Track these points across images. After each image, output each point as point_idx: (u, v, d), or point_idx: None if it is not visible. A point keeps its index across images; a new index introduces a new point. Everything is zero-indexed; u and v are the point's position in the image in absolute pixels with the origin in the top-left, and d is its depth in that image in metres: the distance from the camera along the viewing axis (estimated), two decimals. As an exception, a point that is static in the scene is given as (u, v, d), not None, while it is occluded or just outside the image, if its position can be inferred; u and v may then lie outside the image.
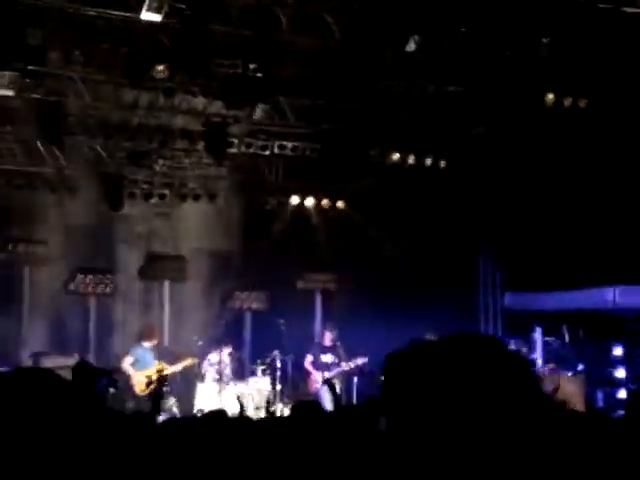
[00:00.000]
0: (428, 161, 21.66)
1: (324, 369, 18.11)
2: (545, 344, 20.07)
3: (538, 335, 20.01)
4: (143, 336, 18.28)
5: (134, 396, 17.51)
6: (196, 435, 6.85)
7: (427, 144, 21.50)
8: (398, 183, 21.71)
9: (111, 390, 13.24)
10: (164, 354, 18.86)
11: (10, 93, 17.41)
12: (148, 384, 17.57)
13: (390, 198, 21.75)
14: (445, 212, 21.90)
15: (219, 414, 7.37)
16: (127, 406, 18.39)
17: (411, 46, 18.42)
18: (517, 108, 20.13)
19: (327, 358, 18.29)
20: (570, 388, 16.72)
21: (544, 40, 18.19)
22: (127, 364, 17.75)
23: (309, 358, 18.37)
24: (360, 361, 18.27)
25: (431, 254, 21.61)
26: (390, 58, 18.94)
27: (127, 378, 17.67)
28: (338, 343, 18.39)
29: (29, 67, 17.43)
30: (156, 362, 17.78)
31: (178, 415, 17.31)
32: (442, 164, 21.82)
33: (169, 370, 17.64)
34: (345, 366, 18.21)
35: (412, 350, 2.27)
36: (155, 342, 18.30)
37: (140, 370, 17.68)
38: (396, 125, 20.89)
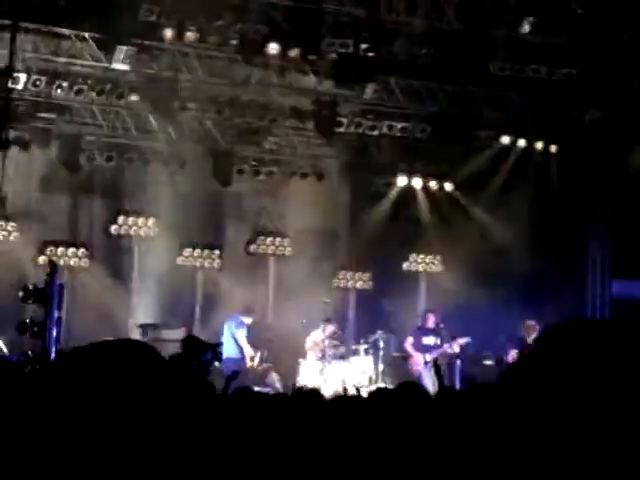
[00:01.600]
0: (539, 145, 21.39)
1: (425, 351, 18.03)
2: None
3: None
4: (243, 311, 18.47)
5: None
6: (294, 411, 6.90)
7: (539, 128, 21.23)
8: (507, 166, 21.49)
9: (216, 363, 13.39)
10: (264, 330, 19.02)
11: (126, 67, 17.72)
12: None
13: (499, 181, 21.53)
14: (555, 196, 21.61)
15: (315, 393, 7.41)
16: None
17: (525, 28, 18.24)
18: (632, 93, 19.77)
19: (429, 340, 18.18)
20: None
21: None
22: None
23: (409, 340, 18.29)
24: (462, 341, 18.16)
25: (539, 239, 21.36)
26: (503, 40, 18.78)
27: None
28: (441, 325, 18.27)
29: (145, 42, 17.71)
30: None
31: (281, 390, 17.47)
32: (553, 148, 21.54)
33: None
34: (447, 347, 18.09)
35: (572, 326, 2.24)
36: (252, 318, 18.46)
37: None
38: (507, 108, 20.68)
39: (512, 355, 17.55)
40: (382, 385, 17.63)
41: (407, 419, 6.99)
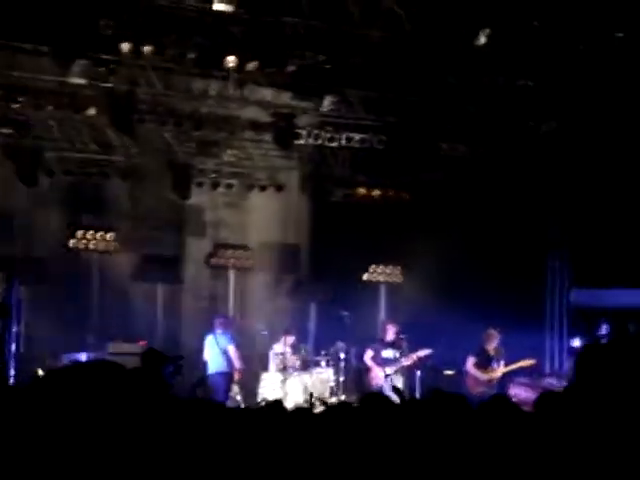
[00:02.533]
0: (496, 155, 21.52)
1: (385, 364, 18.01)
2: (611, 342, 19.83)
3: (604, 332, 19.80)
4: (226, 324, 18.39)
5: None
6: (256, 425, 6.90)
7: (496, 138, 21.37)
8: (465, 176, 21.62)
9: (177, 377, 13.36)
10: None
11: (83, 81, 17.65)
12: None
13: (457, 191, 21.65)
14: (513, 207, 21.75)
15: (278, 405, 7.41)
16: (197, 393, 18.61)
17: (481, 39, 18.34)
18: (587, 104, 19.94)
19: (388, 353, 18.15)
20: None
21: (618, 35, 18.03)
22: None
23: (369, 353, 18.26)
24: (423, 353, 18.19)
25: (498, 249, 21.48)
26: (460, 51, 18.87)
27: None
28: (402, 336, 18.29)
29: (102, 56, 17.65)
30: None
31: (242, 404, 17.46)
32: (511, 158, 21.68)
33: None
34: (407, 360, 18.09)
35: (612, 343, 2.30)
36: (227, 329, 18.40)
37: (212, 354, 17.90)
38: (464, 119, 20.80)
39: (470, 362, 17.65)
40: (343, 397, 17.70)
41: (373, 430, 7.01)
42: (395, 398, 10.72)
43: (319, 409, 12.37)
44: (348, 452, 6.62)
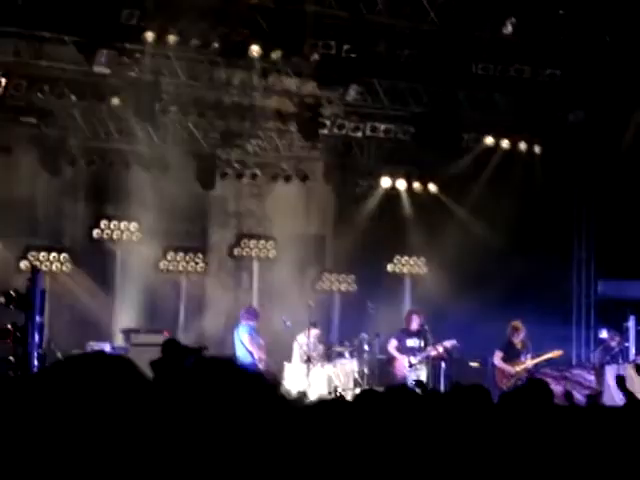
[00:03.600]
0: (522, 146, 21.38)
1: (410, 353, 17.90)
2: (638, 333, 19.68)
3: (632, 324, 19.62)
4: (246, 315, 18.21)
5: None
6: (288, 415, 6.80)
7: (522, 129, 21.22)
8: (491, 167, 21.47)
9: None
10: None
11: (107, 71, 17.61)
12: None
13: (483, 182, 21.50)
14: (539, 198, 21.58)
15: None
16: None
17: (507, 28, 18.20)
18: (616, 93, 19.76)
19: (413, 342, 18.02)
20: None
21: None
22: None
23: (393, 343, 18.13)
24: (448, 344, 18.04)
25: (524, 240, 21.32)
26: (486, 41, 18.74)
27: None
28: (426, 327, 18.14)
29: (126, 46, 17.61)
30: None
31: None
32: (537, 149, 21.53)
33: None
34: (432, 350, 17.96)
35: None
36: (256, 321, 18.20)
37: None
38: (491, 109, 20.65)
39: (498, 356, 17.54)
40: (367, 388, 17.57)
41: (397, 421, 6.92)
42: (418, 391, 10.59)
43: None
44: (369, 442, 6.54)
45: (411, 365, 17.69)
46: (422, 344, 17.92)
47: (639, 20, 18.30)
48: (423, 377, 16.99)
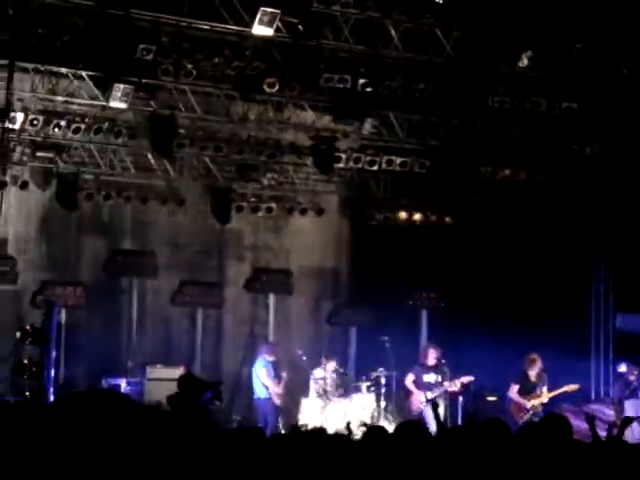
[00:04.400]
0: (539, 178, 21.31)
1: (427, 389, 17.70)
2: (658, 367, 19.51)
3: (650, 359, 19.45)
4: (265, 351, 18.20)
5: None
6: (294, 451, 6.77)
7: (539, 161, 21.17)
8: (508, 200, 21.41)
9: (217, 403, 13.21)
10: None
11: (123, 106, 17.67)
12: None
13: (500, 215, 21.43)
14: (556, 230, 21.49)
15: (320, 432, 7.25)
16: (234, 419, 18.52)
17: (523, 62, 18.19)
18: (633, 125, 19.71)
19: (430, 378, 17.81)
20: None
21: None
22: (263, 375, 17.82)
23: (410, 377, 17.95)
24: (466, 380, 17.89)
25: (541, 273, 21.22)
26: (502, 74, 18.75)
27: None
28: (443, 361, 17.99)
29: (142, 80, 17.68)
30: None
31: (282, 429, 17.29)
32: (554, 182, 21.47)
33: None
34: (449, 386, 17.80)
35: None
36: (274, 357, 18.13)
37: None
38: (507, 142, 20.61)
39: (514, 389, 17.39)
40: (384, 422, 17.46)
41: (407, 459, 6.85)
42: (433, 425, 10.49)
43: (358, 435, 12.22)
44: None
45: (428, 400, 17.50)
46: (439, 379, 17.75)
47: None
48: (441, 412, 16.82)
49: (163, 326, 20.03)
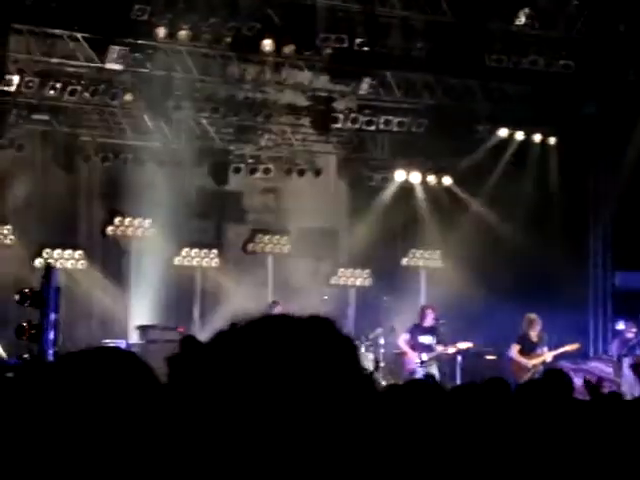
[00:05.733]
0: (537, 137, 21.27)
1: (422, 350, 17.60)
2: (656, 325, 19.57)
3: (649, 316, 19.51)
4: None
5: None
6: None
7: (536, 120, 21.11)
8: (506, 159, 21.36)
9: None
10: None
11: (119, 67, 17.60)
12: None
13: (497, 174, 21.40)
14: (554, 189, 21.49)
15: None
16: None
17: (521, 19, 18.11)
18: (630, 85, 19.65)
19: (426, 339, 17.68)
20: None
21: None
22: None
23: (405, 337, 17.79)
24: (463, 346, 17.78)
25: (540, 232, 21.21)
26: (499, 32, 18.65)
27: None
28: (441, 321, 17.94)
29: (137, 42, 17.59)
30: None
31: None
32: (552, 141, 21.42)
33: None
34: (445, 349, 17.70)
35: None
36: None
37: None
38: (505, 101, 20.55)
39: (515, 349, 17.41)
40: (383, 382, 17.48)
41: (416, 415, 6.88)
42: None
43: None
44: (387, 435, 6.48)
45: (422, 362, 17.45)
46: (434, 341, 17.66)
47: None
48: (435, 373, 16.81)
49: (162, 288, 20.02)
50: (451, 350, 17.62)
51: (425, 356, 17.42)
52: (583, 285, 22.25)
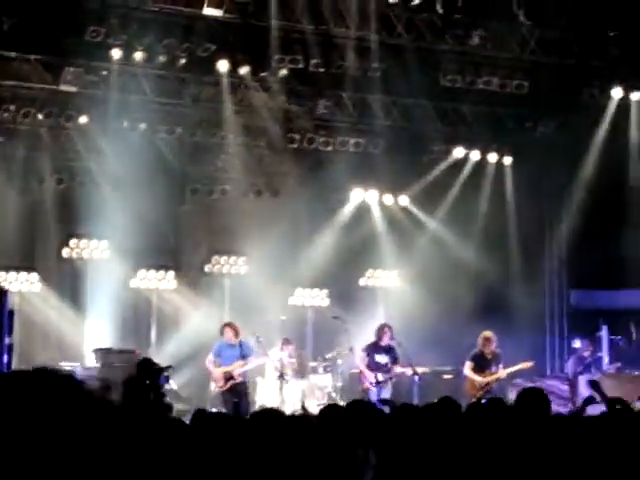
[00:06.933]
0: (492, 157, 21.40)
1: (378, 369, 17.59)
2: (611, 343, 19.74)
3: (604, 334, 19.69)
4: (222, 333, 17.90)
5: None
6: (246, 432, 6.76)
7: (492, 140, 21.26)
8: (462, 179, 21.48)
9: (167, 387, 13.22)
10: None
11: (73, 89, 17.52)
12: (227, 380, 17.25)
13: (453, 194, 21.52)
14: (510, 208, 21.64)
15: (272, 412, 7.23)
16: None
17: (474, 40, 18.22)
18: (584, 104, 19.84)
19: (382, 358, 17.66)
20: (635, 388, 16.41)
21: (611, 33, 17.93)
22: (208, 361, 17.42)
23: (361, 355, 17.82)
24: (420, 370, 17.63)
25: (496, 251, 21.35)
26: (453, 53, 18.75)
27: (208, 375, 17.50)
28: (395, 343, 17.90)
29: (92, 63, 17.53)
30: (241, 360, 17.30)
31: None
32: (507, 161, 21.57)
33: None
34: (402, 371, 17.64)
35: None
36: (234, 339, 17.73)
37: (223, 366, 17.32)
38: (460, 121, 20.66)
39: (468, 366, 17.43)
40: (341, 402, 17.44)
41: (359, 436, 6.88)
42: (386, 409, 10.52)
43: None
44: (333, 456, 6.50)
45: (378, 382, 17.42)
46: (390, 361, 17.61)
47: (606, 29, 18.38)
48: (387, 395, 16.77)
49: (118, 310, 19.92)
50: (409, 372, 17.56)
51: (381, 376, 17.40)
52: (539, 304, 22.38)
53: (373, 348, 17.72)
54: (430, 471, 6.55)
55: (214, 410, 15.94)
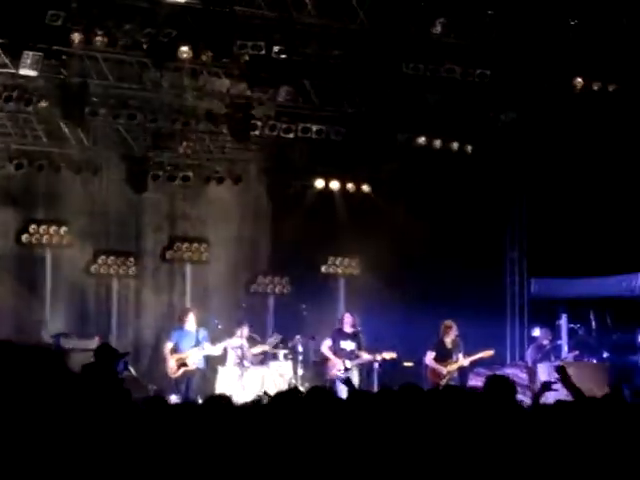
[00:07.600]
0: (454, 145, 21.42)
1: (344, 356, 17.70)
2: (570, 331, 19.87)
3: (564, 322, 19.82)
4: (179, 319, 17.95)
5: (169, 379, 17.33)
6: (200, 420, 6.75)
7: (454, 128, 21.27)
8: (424, 167, 21.50)
9: (126, 373, 13.16)
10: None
11: (33, 73, 17.35)
12: (179, 366, 17.29)
13: (415, 182, 21.55)
14: (471, 197, 21.70)
15: (223, 399, 7.22)
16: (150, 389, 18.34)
17: (437, 28, 18.21)
18: (546, 93, 19.89)
19: (347, 345, 17.81)
20: (593, 376, 16.54)
21: (572, 22, 17.98)
22: (166, 349, 17.45)
23: (327, 343, 17.99)
24: (388, 356, 17.79)
25: (456, 240, 21.43)
26: (416, 40, 18.74)
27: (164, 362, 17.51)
28: (359, 328, 18.02)
29: (52, 48, 17.36)
30: (196, 347, 17.28)
31: (198, 399, 17.20)
32: (469, 149, 21.60)
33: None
34: (370, 358, 17.77)
35: None
36: (190, 325, 17.72)
37: (179, 353, 17.35)
38: (422, 109, 20.65)
39: (430, 356, 17.53)
40: (302, 390, 17.46)
41: (318, 423, 6.87)
42: (344, 392, 10.54)
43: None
44: (291, 445, 6.49)
45: (347, 369, 17.51)
46: (356, 347, 17.76)
47: (567, 18, 18.44)
48: (355, 380, 16.85)
49: (78, 297, 19.82)
50: (376, 358, 17.68)
51: (349, 363, 17.49)
52: (499, 292, 22.50)
53: (337, 334, 17.84)
54: (392, 459, 6.55)
55: (173, 397, 15.98)
